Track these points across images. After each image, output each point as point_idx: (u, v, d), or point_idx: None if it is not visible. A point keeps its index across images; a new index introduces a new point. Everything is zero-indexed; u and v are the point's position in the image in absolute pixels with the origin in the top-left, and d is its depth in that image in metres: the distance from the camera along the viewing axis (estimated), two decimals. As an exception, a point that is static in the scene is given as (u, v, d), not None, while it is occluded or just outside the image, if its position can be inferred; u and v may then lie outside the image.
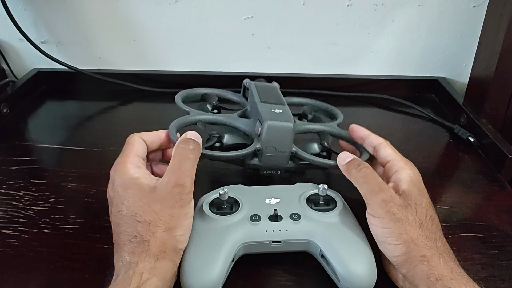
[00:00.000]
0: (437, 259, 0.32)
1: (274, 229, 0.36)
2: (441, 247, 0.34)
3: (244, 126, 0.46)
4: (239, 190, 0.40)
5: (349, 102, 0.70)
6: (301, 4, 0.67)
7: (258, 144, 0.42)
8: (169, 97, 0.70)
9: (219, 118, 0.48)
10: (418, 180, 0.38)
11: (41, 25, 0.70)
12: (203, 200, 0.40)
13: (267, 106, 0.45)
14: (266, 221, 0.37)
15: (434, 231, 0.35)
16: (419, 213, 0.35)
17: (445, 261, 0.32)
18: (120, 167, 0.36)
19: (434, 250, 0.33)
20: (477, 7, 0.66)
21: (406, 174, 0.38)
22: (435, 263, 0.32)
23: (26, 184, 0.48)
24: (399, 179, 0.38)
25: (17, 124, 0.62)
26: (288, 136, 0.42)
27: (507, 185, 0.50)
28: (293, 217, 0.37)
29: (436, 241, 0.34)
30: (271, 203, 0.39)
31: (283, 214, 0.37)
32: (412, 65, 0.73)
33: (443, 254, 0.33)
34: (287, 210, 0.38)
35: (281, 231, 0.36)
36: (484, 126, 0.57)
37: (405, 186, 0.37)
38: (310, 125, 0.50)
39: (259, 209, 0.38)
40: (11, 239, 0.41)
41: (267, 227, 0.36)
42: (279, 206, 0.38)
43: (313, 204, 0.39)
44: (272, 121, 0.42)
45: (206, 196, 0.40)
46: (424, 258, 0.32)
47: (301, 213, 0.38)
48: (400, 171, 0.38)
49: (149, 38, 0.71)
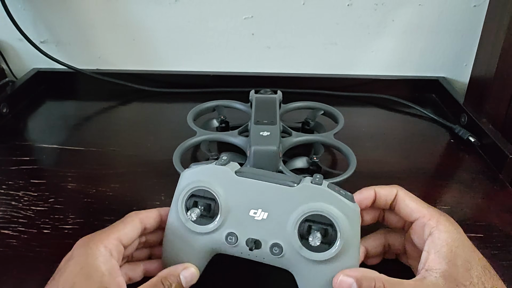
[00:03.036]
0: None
1: (250, 254, 0.33)
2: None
3: (242, 143, 0.49)
4: (225, 183, 0.34)
5: (349, 102, 0.70)
6: (301, 4, 0.67)
7: (248, 165, 0.45)
8: (169, 97, 0.70)
9: (220, 136, 0.51)
10: (458, 244, 0.31)
11: (40, 25, 0.69)
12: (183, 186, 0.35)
13: (258, 128, 0.48)
14: (243, 245, 0.33)
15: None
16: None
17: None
18: (91, 247, 0.31)
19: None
20: (477, 6, 0.66)
21: (442, 242, 0.31)
22: None
23: (25, 184, 0.48)
24: (435, 250, 0.31)
25: (16, 124, 0.62)
26: (273, 158, 0.45)
27: (508, 185, 0.50)
28: (274, 252, 0.32)
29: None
30: (255, 218, 0.33)
31: (264, 241, 0.32)
32: (412, 65, 0.73)
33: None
34: (270, 236, 0.32)
35: (257, 257, 0.33)
36: (485, 126, 0.57)
37: (445, 265, 0.30)
38: (302, 137, 0.51)
39: (239, 225, 0.33)
40: (10, 239, 0.41)
41: (242, 250, 0.33)
42: (263, 225, 0.32)
43: (307, 233, 0.32)
44: (258, 146, 0.45)
45: (190, 173, 0.35)
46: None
47: (285, 246, 0.32)
48: (434, 235, 0.32)
49: (149, 38, 0.70)
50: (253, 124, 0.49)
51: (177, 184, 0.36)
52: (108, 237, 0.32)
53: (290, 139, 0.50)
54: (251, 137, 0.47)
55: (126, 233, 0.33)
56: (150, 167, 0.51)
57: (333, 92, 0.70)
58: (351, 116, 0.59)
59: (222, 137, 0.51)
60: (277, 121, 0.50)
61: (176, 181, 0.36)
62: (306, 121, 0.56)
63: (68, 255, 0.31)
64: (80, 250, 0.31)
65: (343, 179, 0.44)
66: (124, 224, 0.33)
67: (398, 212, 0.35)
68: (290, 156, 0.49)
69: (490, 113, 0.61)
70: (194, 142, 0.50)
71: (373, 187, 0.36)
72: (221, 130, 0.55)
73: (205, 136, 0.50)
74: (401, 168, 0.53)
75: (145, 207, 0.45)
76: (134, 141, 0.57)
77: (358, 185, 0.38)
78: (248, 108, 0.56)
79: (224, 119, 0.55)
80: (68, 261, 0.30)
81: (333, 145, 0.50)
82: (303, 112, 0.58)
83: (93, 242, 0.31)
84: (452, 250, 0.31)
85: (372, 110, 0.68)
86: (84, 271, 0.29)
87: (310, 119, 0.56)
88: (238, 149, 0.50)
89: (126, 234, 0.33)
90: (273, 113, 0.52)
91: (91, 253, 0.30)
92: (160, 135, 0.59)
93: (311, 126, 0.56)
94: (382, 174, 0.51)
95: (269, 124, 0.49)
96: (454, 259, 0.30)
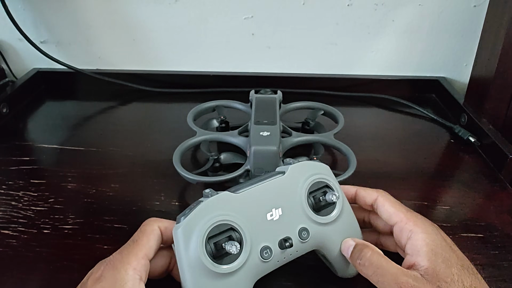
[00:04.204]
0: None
1: (286, 256, 0.33)
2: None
3: (242, 143, 0.49)
4: (229, 204, 0.33)
5: (349, 102, 0.70)
6: (301, 4, 0.67)
7: (248, 165, 0.46)
8: (169, 97, 0.70)
9: (220, 136, 0.51)
10: (438, 244, 0.32)
11: (40, 25, 0.69)
12: (197, 235, 0.31)
13: (258, 128, 0.48)
14: (277, 251, 0.33)
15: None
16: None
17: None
18: (120, 272, 0.30)
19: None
20: (477, 6, 0.66)
21: (421, 242, 0.32)
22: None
23: (25, 184, 0.48)
24: (416, 250, 0.32)
25: (16, 124, 0.62)
26: (273, 158, 0.45)
27: (508, 185, 0.50)
28: (302, 236, 0.34)
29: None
30: (274, 219, 0.33)
31: (291, 233, 0.33)
32: (412, 65, 0.73)
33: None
34: (293, 225, 0.34)
35: (291, 255, 0.34)
36: (485, 126, 0.57)
37: (426, 262, 0.31)
38: (302, 137, 0.51)
39: (266, 235, 0.33)
40: (10, 239, 0.41)
41: (279, 258, 0.33)
42: (283, 221, 0.33)
43: (315, 203, 0.35)
44: (258, 146, 0.45)
45: (191, 221, 0.32)
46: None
47: (308, 226, 0.34)
48: (413, 237, 0.33)
49: (149, 38, 0.70)
50: (253, 124, 0.49)
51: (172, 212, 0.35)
52: (137, 257, 0.31)
53: (290, 139, 0.50)
54: (251, 137, 0.47)
55: (151, 246, 0.32)
56: (150, 167, 0.51)
57: (333, 92, 0.70)
58: (351, 116, 0.59)
59: (222, 137, 0.51)
60: (277, 121, 0.50)
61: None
62: (306, 121, 0.56)
63: (97, 274, 0.30)
64: (110, 272, 0.30)
65: (343, 179, 0.44)
66: (147, 238, 0.32)
67: (380, 215, 0.36)
68: (290, 156, 0.49)
69: (490, 113, 0.61)
70: (194, 142, 0.50)
71: (356, 187, 0.38)
72: (221, 130, 0.55)
73: (205, 136, 0.50)
74: (401, 168, 0.53)
75: (145, 207, 0.45)
76: (134, 141, 0.57)
77: (358, 185, 0.39)
78: (248, 108, 0.56)
79: (224, 119, 0.56)
80: (96, 282, 0.29)
81: (333, 145, 0.50)
82: (303, 112, 0.58)
83: (122, 265, 0.30)
84: (432, 249, 0.32)
85: (372, 110, 0.68)
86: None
87: (310, 119, 0.56)
88: (238, 149, 0.50)
89: (151, 248, 0.32)
90: (273, 113, 0.52)
91: (120, 278, 0.29)
92: (160, 135, 0.59)
93: (311, 126, 0.56)
94: (382, 174, 0.51)
95: (269, 124, 0.49)
96: (435, 257, 0.31)
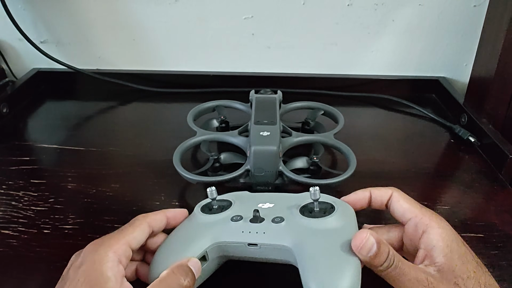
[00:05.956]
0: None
1: (251, 230, 0.34)
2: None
3: (242, 143, 0.49)
4: (240, 195, 0.39)
5: (349, 102, 0.70)
6: (301, 4, 0.67)
7: (248, 165, 0.46)
8: (168, 97, 0.70)
9: (220, 136, 0.51)
10: (453, 239, 0.31)
11: (40, 25, 0.69)
12: (201, 202, 0.39)
13: (258, 128, 0.48)
14: (246, 222, 0.34)
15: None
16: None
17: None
18: (99, 253, 0.30)
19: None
20: (477, 6, 0.66)
21: (437, 237, 0.31)
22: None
23: (25, 184, 0.48)
24: (431, 245, 0.31)
25: (16, 124, 0.62)
26: (273, 158, 0.45)
27: (508, 185, 0.50)
28: (275, 220, 0.34)
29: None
30: (263, 207, 0.36)
31: (266, 216, 0.35)
32: (412, 65, 0.73)
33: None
34: (273, 214, 0.35)
35: (258, 233, 0.34)
36: (485, 126, 0.57)
37: (442, 258, 0.30)
38: (302, 137, 0.51)
39: (246, 211, 0.36)
40: (10, 239, 0.41)
41: (244, 228, 0.34)
42: (268, 210, 0.36)
43: (307, 210, 0.35)
44: (258, 146, 0.45)
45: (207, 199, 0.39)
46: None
47: (286, 216, 0.34)
48: (428, 232, 0.32)
49: (149, 38, 0.70)
50: (253, 124, 0.49)
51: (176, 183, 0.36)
52: (118, 242, 0.31)
53: (290, 139, 0.50)
54: (251, 137, 0.47)
55: (135, 237, 0.33)
56: (150, 167, 0.51)
57: (333, 92, 0.70)
58: (351, 116, 0.59)
59: (222, 137, 0.51)
60: (277, 121, 0.50)
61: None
62: (306, 121, 0.56)
63: (77, 262, 0.31)
64: (89, 256, 0.30)
65: (343, 179, 0.44)
66: (133, 228, 0.33)
67: (392, 213, 0.36)
68: (290, 156, 0.49)
69: (490, 113, 0.61)
70: (194, 142, 0.50)
71: (369, 189, 0.37)
72: (221, 130, 0.55)
73: (205, 136, 0.50)
74: (401, 168, 0.53)
75: (145, 207, 0.45)
76: (134, 141, 0.57)
77: (358, 185, 0.39)
78: (248, 108, 0.56)
79: (224, 119, 0.56)
80: (78, 269, 0.30)
81: (333, 145, 0.50)
82: (303, 112, 0.58)
83: (103, 248, 0.31)
84: (448, 244, 0.31)
85: (372, 110, 0.68)
86: (90, 277, 0.29)
87: (310, 119, 0.56)
88: (238, 149, 0.50)
89: (135, 238, 0.33)
90: (273, 113, 0.52)
91: (99, 259, 0.30)
92: (160, 135, 0.59)
93: (311, 126, 0.56)
94: (382, 174, 0.51)
95: (269, 124, 0.49)
96: (451, 253, 0.31)
